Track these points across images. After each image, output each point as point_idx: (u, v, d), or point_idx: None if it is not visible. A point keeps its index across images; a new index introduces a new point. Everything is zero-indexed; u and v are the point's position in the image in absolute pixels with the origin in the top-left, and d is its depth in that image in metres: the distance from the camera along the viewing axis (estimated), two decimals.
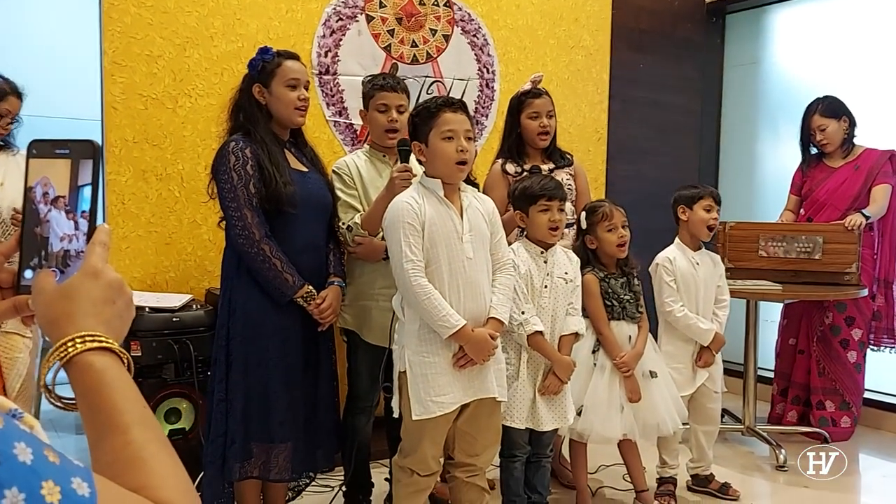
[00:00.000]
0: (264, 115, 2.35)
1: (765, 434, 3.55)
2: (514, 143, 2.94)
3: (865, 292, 3.56)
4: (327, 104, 3.38)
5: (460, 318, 2.06)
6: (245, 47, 3.11)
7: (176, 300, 2.75)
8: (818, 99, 3.77)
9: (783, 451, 3.36)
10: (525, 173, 2.80)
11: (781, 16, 4.60)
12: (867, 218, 3.53)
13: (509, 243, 2.38)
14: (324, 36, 3.34)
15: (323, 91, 3.36)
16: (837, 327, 3.72)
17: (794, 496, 3.05)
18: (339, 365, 2.66)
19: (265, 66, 2.34)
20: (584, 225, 2.70)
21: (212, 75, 3.08)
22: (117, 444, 0.63)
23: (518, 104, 2.94)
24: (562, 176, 2.89)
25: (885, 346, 3.77)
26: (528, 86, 2.96)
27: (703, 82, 4.72)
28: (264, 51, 2.36)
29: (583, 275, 2.64)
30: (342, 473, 2.65)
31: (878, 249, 3.71)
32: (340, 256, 2.51)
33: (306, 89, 2.39)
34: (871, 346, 3.78)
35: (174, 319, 2.64)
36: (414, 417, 2.09)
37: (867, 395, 3.85)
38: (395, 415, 2.21)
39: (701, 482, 3.04)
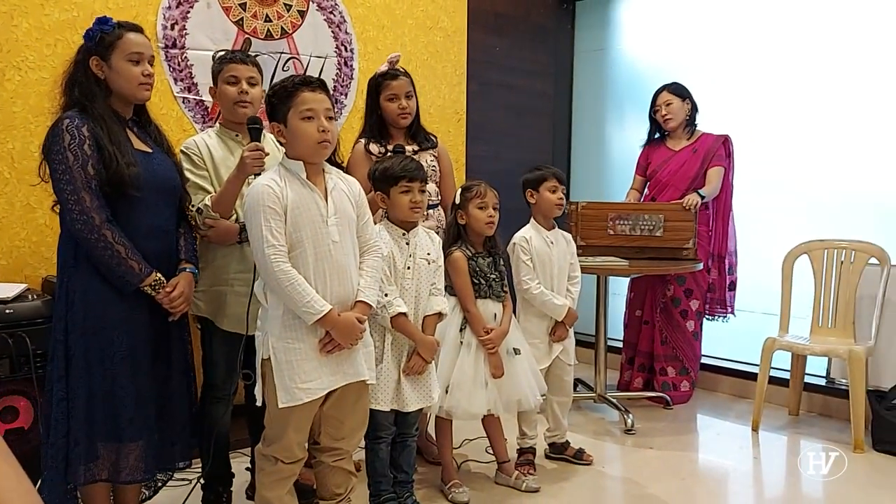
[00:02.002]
0: (103, 91, 2.17)
1: (614, 401, 3.77)
2: (375, 124, 2.92)
3: (701, 266, 3.85)
4: (175, 80, 3.20)
5: (325, 303, 2.03)
6: (81, 17, 2.88)
7: (8, 290, 2.51)
8: (668, 82, 4.02)
9: (631, 415, 3.59)
10: (388, 153, 2.79)
11: (627, 5, 4.84)
12: (703, 198, 3.81)
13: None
14: (169, 7, 3.15)
15: (170, 66, 3.18)
16: (678, 299, 4.01)
17: (641, 457, 3.26)
18: (195, 353, 2.55)
19: (104, 37, 2.15)
20: (457, 201, 2.74)
21: (43, 46, 2.83)
22: None
23: (376, 86, 2.91)
24: (426, 157, 2.91)
25: (718, 316, 4.11)
26: (384, 67, 2.93)
27: (555, 67, 4.88)
28: (103, 21, 2.18)
29: (451, 252, 2.68)
30: (200, 466, 2.55)
31: (713, 227, 4.02)
32: (193, 241, 2.38)
33: (151, 64, 2.23)
34: (707, 316, 4.10)
35: (7, 311, 2.41)
36: (280, 405, 2.03)
37: (703, 360, 4.18)
38: (258, 403, 2.15)
39: (558, 449, 3.19)
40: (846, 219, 3.83)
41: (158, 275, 2.17)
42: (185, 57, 3.21)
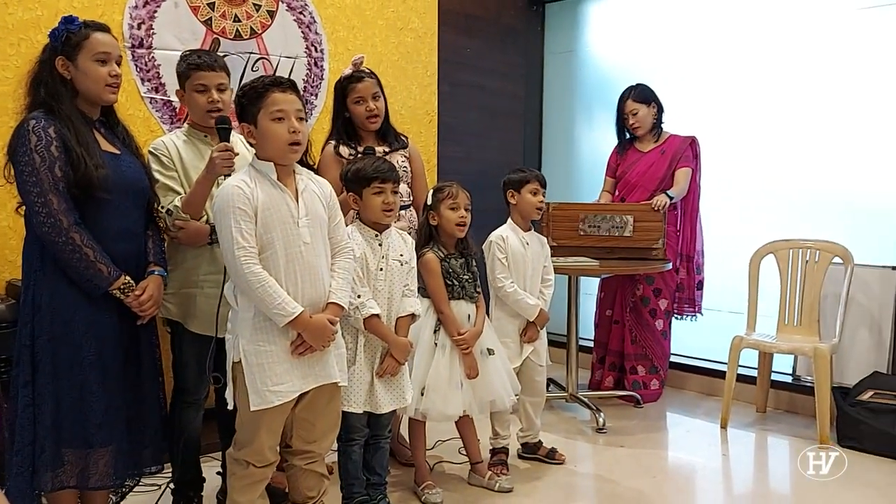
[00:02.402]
0: (69, 91, 2.14)
1: (586, 400, 3.80)
2: (342, 127, 2.91)
3: (670, 266, 3.90)
4: (142, 80, 3.15)
5: (297, 305, 2.02)
6: (45, 16, 2.83)
7: None
8: (631, 86, 4.06)
9: (602, 414, 3.62)
10: (359, 155, 2.78)
11: (595, 7, 4.88)
12: (671, 198, 3.85)
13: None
14: (136, 6, 3.11)
15: (137, 66, 3.13)
16: (647, 298, 4.05)
17: (612, 455, 3.29)
18: (165, 357, 2.52)
19: (70, 37, 2.13)
20: (429, 201, 2.74)
21: (7, 46, 2.77)
22: None
23: (342, 89, 2.91)
24: (397, 158, 2.90)
25: (687, 315, 4.16)
26: (349, 70, 2.92)
27: (525, 68, 4.90)
28: (69, 20, 2.15)
29: (423, 253, 2.67)
30: (170, 471, 2.52)
31: (681, 227, 4.07)
32: (161, 243, 2.36)
33: (118, 65, 2.21)
34: (675, 315, 4.15)
35: None
36: (252, 408, 2.02)
37: (672, 359, 4.23)
38: (230, 407, 2.13)
39: (530, 449, 3.20)
40: (812, 218, 3.90)
41: (127, 278, 2.15)
42: (153, 57, 3.16)
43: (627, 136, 4.13)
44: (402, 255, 2.50)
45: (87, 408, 2.09)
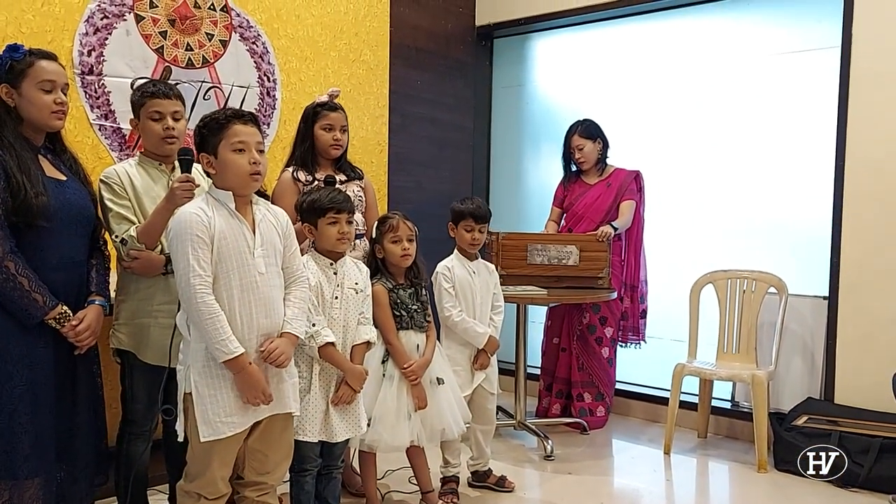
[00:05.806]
0: (13, 119, 2.14)
1: (534, 427, 3.85)
2: (305, 152, 2.95)
3: (615, 295, 4.01)
4: (91, 106, 3.12)
5: (240, 346, 2.00)
6: None
7: None
8: (578, 122, 4.18)
9: (550, 441, 3.67)
10: (317, 182, 2.82)
11: (541, 43, 5.02)
12: (616, 229, 3.97)
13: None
14: (86, 33, 3.09)
15: (86, 92, 3.10)
16: (593, 326, 4.14)
17: (560, 482, 3.34)
18: (114, 388, 2.48)
19: (14, 65, 2.14)
20: (374, 234, 2.77)
21: None
22: None
23: (313, 114, 2.96)
24: (352, 188, 2.95)
25: (631, 342, 4.26)
26: (325, 98, 3.00)
27: (474, 101, 5.01)
28: (13, 48, 2.15)
29: (371, 285, 2.69)
30: None
31: (625, 257, 4.19)
32: (105, 273, 2.34)
33: (65, 92, 2.21)
34: (620, 343, 4.25)
35: None
36: (202, 439, 2.00)
37: (617, 386, 4.32)
38: (180, 438, 2.11)
39: (480, 477, 3.23)
40: (749, 250, 4.06)
41: (64, 307, 2.14)
42: (103, 84, 3.13)
43: (573, 168, 4.25)
44: (356, 284, 2.53)
45: (14, 438, 2.05)
